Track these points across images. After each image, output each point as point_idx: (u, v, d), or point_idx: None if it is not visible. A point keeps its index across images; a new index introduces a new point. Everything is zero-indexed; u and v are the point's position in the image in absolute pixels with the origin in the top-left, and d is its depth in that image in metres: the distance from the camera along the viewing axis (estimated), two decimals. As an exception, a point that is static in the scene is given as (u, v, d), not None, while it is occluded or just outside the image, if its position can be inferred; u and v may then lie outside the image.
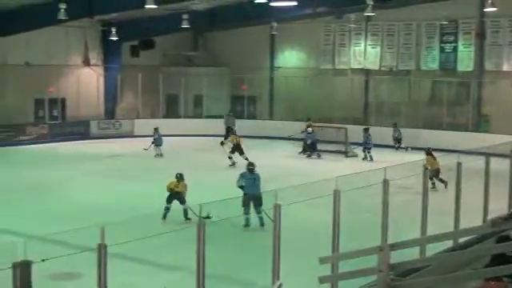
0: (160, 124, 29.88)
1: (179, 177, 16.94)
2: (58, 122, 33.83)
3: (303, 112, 33.23)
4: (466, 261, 8.69)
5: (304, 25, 35.34)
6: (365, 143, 28.09)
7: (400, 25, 33.80)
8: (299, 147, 29.45)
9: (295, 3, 25.17)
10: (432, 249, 10.57)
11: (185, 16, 31.11)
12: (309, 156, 28.24)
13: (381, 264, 7.57)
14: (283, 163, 26.42)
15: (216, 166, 24.96)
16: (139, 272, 12.15)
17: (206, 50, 40.02)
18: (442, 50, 32.73)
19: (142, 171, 24.04)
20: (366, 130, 28.51)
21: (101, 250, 7.05)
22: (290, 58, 37.87)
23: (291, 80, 36.05)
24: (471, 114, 32.02)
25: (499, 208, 13.39)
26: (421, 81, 33.30)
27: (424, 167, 12.48)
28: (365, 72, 35.16)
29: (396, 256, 7.96)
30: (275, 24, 33.84)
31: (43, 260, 6.63)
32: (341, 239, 10.37)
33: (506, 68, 31.29)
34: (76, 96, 34.66)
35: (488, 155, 14.07)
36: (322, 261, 9.05)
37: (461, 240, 11.33)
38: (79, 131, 33.86)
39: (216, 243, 8.41)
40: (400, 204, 13.39)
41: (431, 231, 11.45)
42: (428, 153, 20.81)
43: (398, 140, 30.31)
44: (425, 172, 12.14)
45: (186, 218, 15.77)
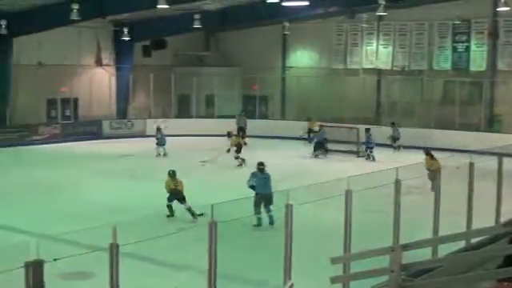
0: (172, 124, 29.94)
1: (172, 174, 16.97)
2: (71, 122, 34.00)
3: (315, 112, 33.19)
4: (479, 261, 8.65)
5: (316, 25, 35.30)
6: (367, 143, 27.98)
7: (412, 24, 33.69)
8: (307, 147, 29.40)
9: (307, 3, 25.09)
10: (444, 249, 10.54)
11: (196, 16, 31.18)
12: (316, 156, 28.06)
13: (392, 264, 7.56)
14: (294, 163, 26.39)
15: (225, 166, 25.02)
16: (150, 272, 12.17)
17: (218, 50, 40.05)
18: (455, 50, 32.60)
19: (154, 171, 24.00)
20: (368, 130, 28.43)
21: (113, 250, 7.05)
22: (302, 58, 37.83)
23: (303, 80, 36.02)
24: (483, 114, 31.89)
25: (512, 209, 13.33)
26: (433, 81, 33.18)
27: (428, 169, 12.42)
28: (377, 72, 35.08)
29: (408, 256, 7.95)
30: (287, 24, 33.88)
31: (55, 259, 6.65)
32: (352, 239, 10.35)
33: (519, 68, 31.19)
34: (88, 96, 34.80)
35: (500, 155, 13.99)
36: (334, 261, 9.05)
37: (473, 240, 11.28)
38: (91, 131, 33.98)
39: (226, 243, 8.39)
40: (411, 204, 13.34)
41: (443, 231, 11.41)
42: (427, 153, 20.37)
43: (396, 139, 30.20)
44: (436, 172, 12.07)
45: (194, 217, 15.82)
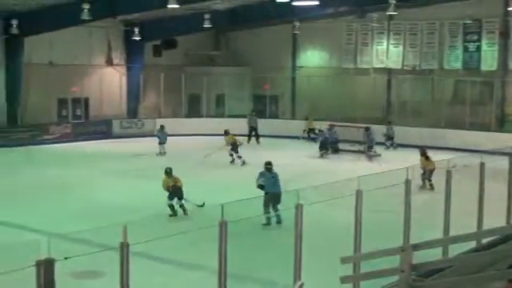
0: (182, 123, 29.93)
1: (169, 171, 17.13)
2: (81, 122, 34.10)
3: (325, 111, 33.16)
4: (490, 261, 8.60)
5: (326, 24, 35.24)
6: (368, 142, 27.86)
7: (423, 24, 33.59)
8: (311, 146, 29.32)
9: (317, 2, 25.07)
10: (455, 249, 10.50)
11: (207, 16, 31.22)
12: (321, 156, 27.85)
13: (403, 264, 7.54)
14: (304, 163, 26.37)
15: (236, 165, 25.12)
16: (160, 271, 12.18)
17: (228, 50, 40.05)
18: (466, 50, 32.47)
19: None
20: (367, 129, 28.29)
21: (123, 249, 7.07)
22: (312, 58, 37.79)
23: (313, 79, 35.99)
24: (494, 114, 31.74)
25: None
26: (444, 80, 33.08)
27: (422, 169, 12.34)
28: (387, 71, 34.99)
29: (418, 256, 7.93)
30: (297, 23, 33.86)
31: (66, 258, 6.66)
32: (362, 239, 10.33)
33: (531, 67, 31.10)
34: (99, 95, 34.91)
35: (511, 155, 13.93)
36: (344, 261, 9.04)
37: (484, 241, 11.24)
38: (102, 130, 34.08)
39: (235, 242, 8.38)
40: (421, 204, 13.32)
41: (454, 232, 11.38)
42: (422, 153, 20.23)
43: (391, 138, 29.98)
44: (448, 172, 12.03)
45: (185, 213, 16.29)
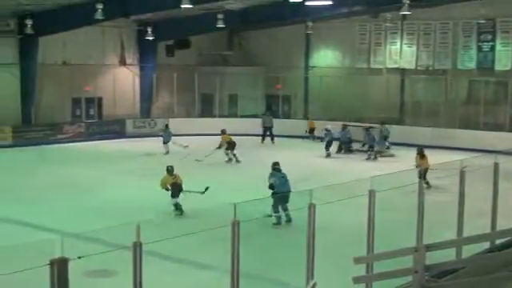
0: (195, 123, 29.95)
1: (170, 169, 17.54)
2: (95, 121, 34.23)
3: (338, 112, 33.08)
4: (503, 262, 8.56)
5: (339, 24, 35.16)
6: (369, 141, 27.62)
7: (436, 24, 33.44)
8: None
9: (330, 2, 24.99)
10: (468, 250, 10.46)
11: (220, 15, 31.19)
12: (328, 156, 27.63)
13: (416, 265, 7.52)
14: (316, 163, 26.33)
15: (247, 165, 25.14)
16: (171, 270, 12.18)
17: (241, 50, 40.05)
18: (480, 49, 32.28)
19: (177, 170, 24.09)
20: (367, 129, 28.10)
21: (136, 248, 7.08)
22: (325, 58, 37.72)
23: (326, 79, 35.92)
24: (509, 114, 31.52)
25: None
26: (457, 80, 32.94)
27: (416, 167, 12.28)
28: (400, 71, 34.85)
29: (431, 257, 7.90)
30: (310, 23, 33.80)
31: (80, 257, 6.69)
32: (374, 239, 10.29)
33: (545, 67, 30.88)
34: (112, 95, 35.02)
35: (526, 156, 13.89)
36: (357, 261, 9.03)
37: (498, 241, 11.18)
38: (115, 130, 34.20)
39: (246, 242, 8.36)
40: (434, 204, 13.27)
41: (467, 232, 11.32)
42: (419, 152, 20.82)
43: (386, 138, 29.63)
44: (461, 173, 11.97)
45: (176, 209, 16.72)
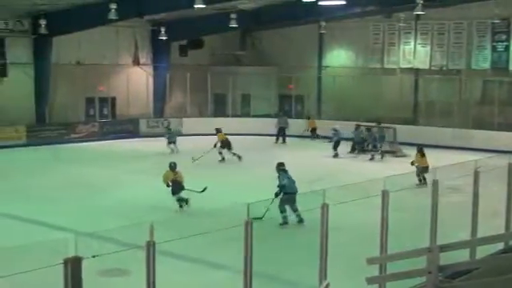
0: (208, 123, 29.95)
1: (173, 166, 17.64)
2: (108, 121, 34.36)
3: (352, 111, 32.99)
4: (518, 264, 8.51)
5: (353, 24, 35.09)
6: (372, 141, 27.50)
7: (450, 23, 33.31)
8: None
9: (344, 2, 24.94)
10: (482, 251, 10.40)
11: (233, 15, 31.20)
12: (335, 156, 27.44)
13: (430, 265, 7.49)
14: (329, 163, 26.31)
15: (259, 165, 25.02)
16: (185, 270, 12.19)
17: (254, 50, 40.07)
18: (494, 49, 32.14)
19: (191, 169, 24.13)
20: (369, 130, 27.88)
21: (149, 248, 7.09)
22: (339, 58, 37.65)
23: (339, 79, 35.86)
24: (524, 114, 31.42)
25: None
26: (472, 80, 32.78)
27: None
28: (414, 71, 34.75)
29: (444, 257, 7.87)
30: (324, 23, 33.75)
31: (93, 256, 6.71)
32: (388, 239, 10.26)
33: (560, 67, 30.69)
34: (126, 95, 35.10)
35: (541, 156, 13.76)
36: (370, 261, 9.00)
37: (512, 242, 11.13)
38: (128, 129, 34.32)
39: (258, 242, 8.34)
40: (448, 205, 13.21)
41: (481, 233, 11.26)
42: (419, 150, 21.18)
43: (382, 138, 29.47)
44: (475, 173, 11.90)
45: (181, 208, 16.97)
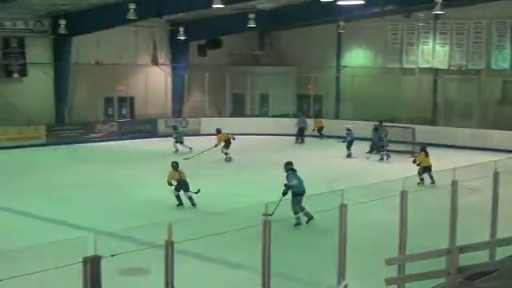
0: (226, 123, 30.01)
1: (176, 165, 18.12)
2: (127, 120, 34.54)
3: (370, 111, 32.87)
4: (538, 265, 8.46)
5: (371, 23, 34.97)
6: (378, 141, 27.11)
7: (470, 23, 33.10)
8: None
9: (362, 2, 24.89)
10: (502, 252, 10.33)
11: (251, 15, 31.23)
12: (348, 156, 27.31)
13: (449, 266, 7.45)
14: (347, 163, 26.31)
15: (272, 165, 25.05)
16: (203, 269, 12.23)
17: (273, 49, 40.07)
18: (514, 49, 31.94)
19: (209, 169, 24.20)
20: (376, 129, 27.57)
21: (168, 247, 7.11)
22: (357, 57, 37.55)
23: (358, 79, 35.75)
24: (543, 115, 31.16)
25: None
26: (491, 80, 32.57)
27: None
28: (433, 71, 34.57)
29: (463, 258, 7.82)
30: (342, 23, 33.70)
31: (112, 255, 6.74)
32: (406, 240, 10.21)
33: None
34: (144, 94, 35.24)
35: (561, 157, 13.67)
36: (389, 262, 8.97)
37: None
38: (147, 129, 34.45)
39: (273, 242, 8.33)
40: (468, 206, 13.12)
41: (501, 234, 11.18)
42: (422, 149, 21.90)
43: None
44: (495, 174, 11.82)
45: (194, 205, 17.33)
